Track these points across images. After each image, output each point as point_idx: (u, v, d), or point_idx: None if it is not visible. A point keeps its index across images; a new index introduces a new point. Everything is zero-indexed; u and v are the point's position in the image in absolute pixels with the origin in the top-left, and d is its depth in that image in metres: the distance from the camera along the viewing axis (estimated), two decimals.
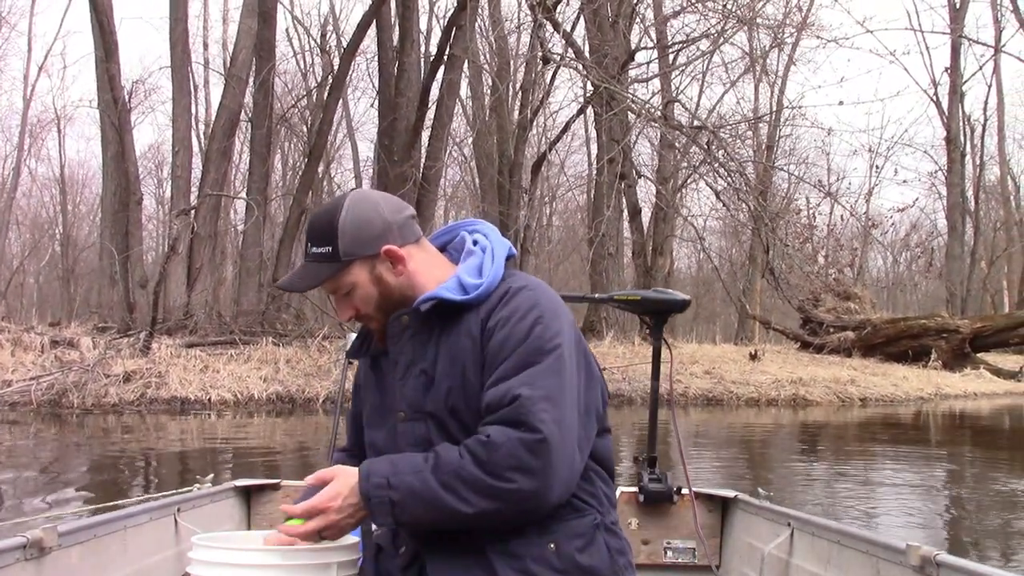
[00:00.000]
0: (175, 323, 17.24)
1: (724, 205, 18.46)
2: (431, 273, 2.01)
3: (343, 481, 1.87)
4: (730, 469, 9.57)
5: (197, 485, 3.18)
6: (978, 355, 23.77)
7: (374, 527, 2.88)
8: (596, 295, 3.56)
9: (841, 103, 25.70)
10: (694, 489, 3.23)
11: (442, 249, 2.12)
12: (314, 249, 1.99)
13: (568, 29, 20.29)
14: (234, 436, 11.42)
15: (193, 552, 2.10)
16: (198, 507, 3.04)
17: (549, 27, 17.14)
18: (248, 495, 3.35)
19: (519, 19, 22.21)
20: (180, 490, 3.05)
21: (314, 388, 14.29)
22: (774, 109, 30.71)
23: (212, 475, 3.27)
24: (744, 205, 17.27)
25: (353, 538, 2.41)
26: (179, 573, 2.73)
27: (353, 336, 3.80)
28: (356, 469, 1.87)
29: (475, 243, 2.06)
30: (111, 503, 2.97)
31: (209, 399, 13.77)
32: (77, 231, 39.96)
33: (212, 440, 10.99)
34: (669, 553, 3.22)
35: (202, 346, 15.80)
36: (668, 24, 22.14)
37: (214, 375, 14.50)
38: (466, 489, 1.80)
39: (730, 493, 3.32)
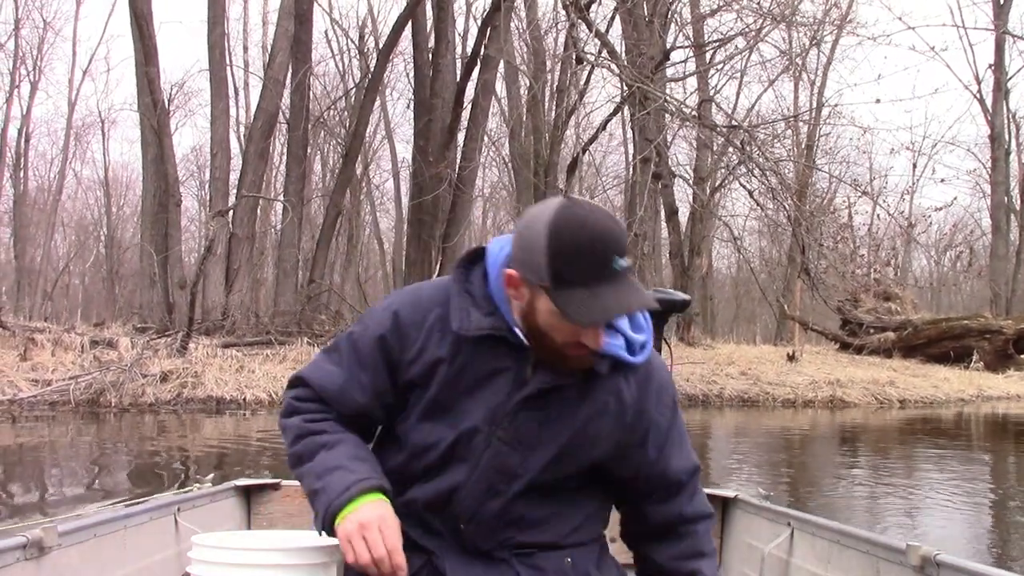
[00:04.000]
0: (213, 323, 17.44)
1: (759, 206, 18.31)
2: None
3: None
4: (759, 472, 9.49)
5: (197, 485, 3.20)
6: (1022, 356, 23.35)
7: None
8: None
9: (878, 101, 25.46)
10: None
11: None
12: (624, 262, 1.77)
13: (605, 28, 20.24)
14: (267, 435, 11.51)
15: (193, 552, 2.11)
16: (198, 507, 3.05)
17: (584, 27, 17.11)
18: (248, 495, 3.36)
19: (555, 19, 22.20)
20: (180, 490, 3.06)
21: None
22: (813, 107, 30.38)
23: (212, 475, 3.28)
24: (780, 206, 17.11)
25: None
26: (179, 573, 2.74)
27: None
28: None
29: None
30: (111, 502, 3.00)
31: (244, 399, 13.90)
32: (121, 233, 40.47)
33: (246, 439, 11.09)
34: None
35: (238, 346, 15.96)
36: (704, 23, 21.99)
37: (249, 375, 14.62)
38: None
39: (730, 493, 3.30)
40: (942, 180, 46.61)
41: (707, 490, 3.33)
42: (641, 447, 1.97)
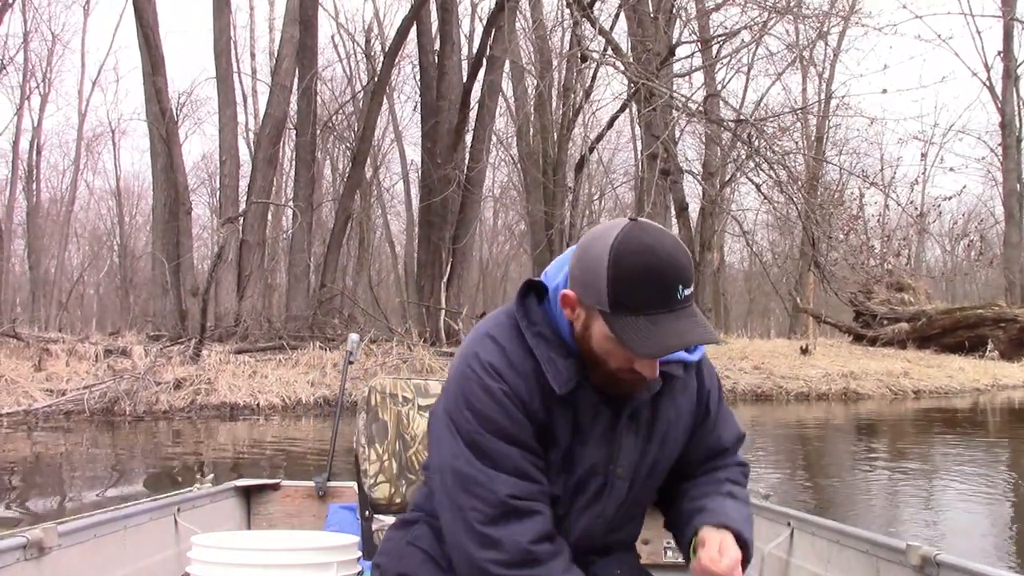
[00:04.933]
0: (225, 330, 17.49)
1: (767, 200, 18.27)
2: None
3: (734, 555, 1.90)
4: (775, 465, 9.47)
5: (197, 485, 3.21)
6: None
7: (374, 526, 2.90)
8: None
9: (885, 91, 25.14)
10: None
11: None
12: (688, 292, 1.70)
13: (610, 25, 20.24)
14: (282, 439, 11.55)
15: (193, 552, 2.13)
16: (198, 507, 3.06)
17: (589, 25, 17.09)
18: (248, 495, 3.38)
19: (560, 17, 22.20)
20: (180, 490, 3.07)
21: (360, 391, 14.34)
22: (821, 99, 30.28)
23: (212, 475, 3.29)
24: (790, 199, 17.05)
25: (353, 537, 2.44)
26: (179, 573, 2.75)
27: (355, 337, 3.80)
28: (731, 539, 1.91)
29: None
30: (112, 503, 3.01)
31: (257, 404, 13.92)
32: (134, 242, 40.68)
33: (261, 444, 11.13)
34: (670, 553, 3.21)
35: (251, 352, 16.00)
36: (709, 18, 21.93)
37: (262, 380, 14.65)
38: None
39: None
40: (951, 169, 46.40)
41: None
42: (703, 425, 2.02)
